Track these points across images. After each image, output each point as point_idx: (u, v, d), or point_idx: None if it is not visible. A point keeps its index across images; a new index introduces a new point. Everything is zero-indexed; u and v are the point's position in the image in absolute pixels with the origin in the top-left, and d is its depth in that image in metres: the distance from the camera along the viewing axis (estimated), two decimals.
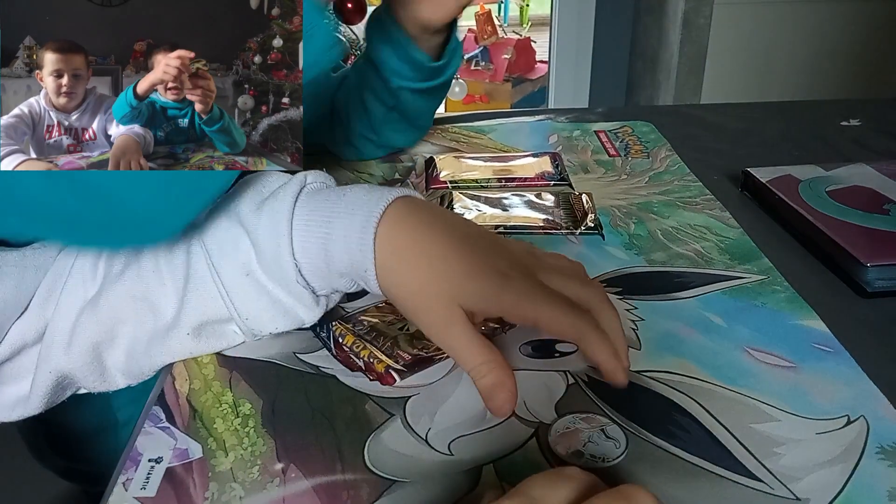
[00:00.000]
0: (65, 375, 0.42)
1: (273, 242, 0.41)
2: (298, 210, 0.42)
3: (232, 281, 0.42)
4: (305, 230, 0.41)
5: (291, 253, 0.41)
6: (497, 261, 0.40)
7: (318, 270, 0.42)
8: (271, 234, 0.41)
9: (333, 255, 0.41)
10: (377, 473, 0.37)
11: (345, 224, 0.41)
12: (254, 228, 0.41)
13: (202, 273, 0.42)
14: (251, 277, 0.42)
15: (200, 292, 0.42)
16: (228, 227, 0.42)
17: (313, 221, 0.41)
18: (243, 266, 0.42)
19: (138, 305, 0.42)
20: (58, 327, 0.42)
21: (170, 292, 0.42)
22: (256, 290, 0.42)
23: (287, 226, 0.41)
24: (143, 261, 0.42)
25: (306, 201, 0.42)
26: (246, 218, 0.42)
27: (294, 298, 0.42)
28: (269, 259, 0.41)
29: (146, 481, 0.37)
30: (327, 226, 0.41)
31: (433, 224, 0.41)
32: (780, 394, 0.41)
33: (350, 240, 0.40)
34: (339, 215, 0.41)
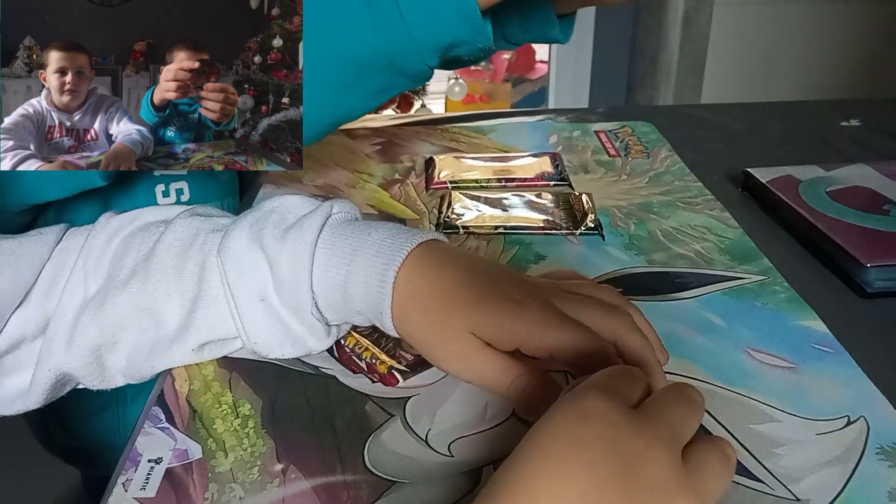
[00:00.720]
0: (64, 374, 0.42)
1: (293, 273, 0.40)
2: (321, 243, 0.41)
3: (246, 304, 0.41)
4: (326, 266, 0.41)
5: (310, 286, 0.41)
6: (512, 290, 0.39)
7: (334, 305, 0.42)
8: (292, 264, 0.40)
9: (352, 294, 0.41)
10: (377, 474, 0.37)
11: (366, 266, 0.40)
12: (275, 255, 0.41)
13: (215, 291, 0.42)
14: (266, 303, 0.41)
15: (211, 310, 0.42)
16: (249, 249, 0.41)
17: (335, 257, 0.41)
18: (259, 291, 0.41)
19: (142, 315, 0.42)
20: (58, 326, 0.42)
21: (175, 305, 0.42)
22: (269, 317, 0.41)
23: (309, 259, 0.41)
24: (151, 270, 0.42)
25: (330, 235, 0.42)
26: (268, 244, 0.41)
27: (306, 328, 0.42)
28: (287, 288, 0.41)
29: (146, 482, 0.37)
30: (349, 265, 0.40)
31: (454, 265, 0.41)
32: (780, 394, 0.41)
33: (370, 283, 0.40)
34: (362, 255, 0.40)
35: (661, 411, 0.29)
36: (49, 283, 0.43)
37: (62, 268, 0.43)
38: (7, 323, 0.41)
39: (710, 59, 1.73)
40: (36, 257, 0.43)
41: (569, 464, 0.26)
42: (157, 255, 0.42)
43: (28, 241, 0.43)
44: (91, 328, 0.41)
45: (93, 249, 0.43)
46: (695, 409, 0.30)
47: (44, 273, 0.43)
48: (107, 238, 0.44)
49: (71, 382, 0.44)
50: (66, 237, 0.45)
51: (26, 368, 0.42)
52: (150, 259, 0.42)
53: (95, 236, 0.44)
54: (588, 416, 0.27)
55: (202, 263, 0.42)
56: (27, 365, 0.42)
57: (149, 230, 0.44)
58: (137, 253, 0.43)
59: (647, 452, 0.26)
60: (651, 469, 0.26)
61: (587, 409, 0.27)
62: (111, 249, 0.43)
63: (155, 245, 0.42)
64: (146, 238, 0.43)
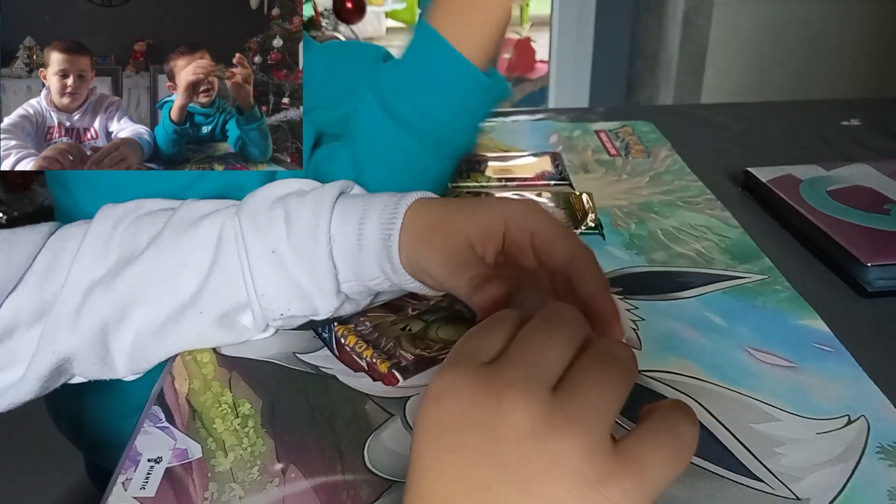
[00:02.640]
0: (66, 357, 0.42)
1: (312, 220, 0.42)
2: (343, 197, 0.44)
3: (257, 256, 0.42)
4: (344, 211, 0.42)
5: (328, 227, 0.42)
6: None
7: (349, 251, 0.42)
8: (312, 213, 0.42)
9: (366, 230, 0.42)
10: (377, 474, 0.37)
11: (380, 205, 0.42)
12: (296, 209, 0.42)
13: (230, 253, 0.42)
14: (277, 255, 0.42)
15: (224, 274, 0.42)
16: (271, 207, 0.43)
17: (354, 204, 0.43)
18: (272, 243, 0.42)
19: (156, 286, 0.42)
20: (64, 306, 0.42)
21: (191, 274, 0.42)
22: (279, 270, 0.42)
23: (329, 206, 0.42)
24: (164, 244, 0.42)
25: (352, 195, 0.44)
26: (290, 202, 0.43)
27: (314, 284, 0.42)
28: (304, 236, 0.42)
29: (146, 481, 0.37)
30: (367, 203, 0.42)
31: (457, 201, 0.43)
32: (780, 394, 0.41)
33: (384, 213, 0.42)
34: (377, 201, 0.43)
35: (524, 351, 0.26)
36: (45, 267, 0.43)
37: (59, 254, 0.44)
38: (1, 307, 0.41)
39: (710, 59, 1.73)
40: (30, 244, 0.43)
41: (435, 455, 0.24)
42: (168, 230, 0.43)
43: (22, 230, 0.44)
44: (100, 304, 0.42)
45: (99, 235, 0.44)
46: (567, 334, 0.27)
47: (39, 258, 0.43)
48: (112, 224, 0.44)
49: (67, 371, 0.44)
50: (62, 229, 0.45)
51: (21, 363, 0.42)
52: (161, 235, 0.43)
53: (100, 223, 0.44)
54: (435, 398, 0.25)
55: (219, 231, 0.43)
56: (21, 359, 0.42)
57: (156, 215, 0.45)
58: (149, 234, 0.44)
59: (500, 404, 0.23)
60: (512, 419, 0.23)
61: (433, 393, 0.25)
62: (118, 234, 0.44)
63: (168, 222, 0.43)
64: (155, 221, 0.44)
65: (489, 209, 0.40)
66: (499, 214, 0.40)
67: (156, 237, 0.43)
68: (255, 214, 0.43)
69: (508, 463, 0.23)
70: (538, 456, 0.23)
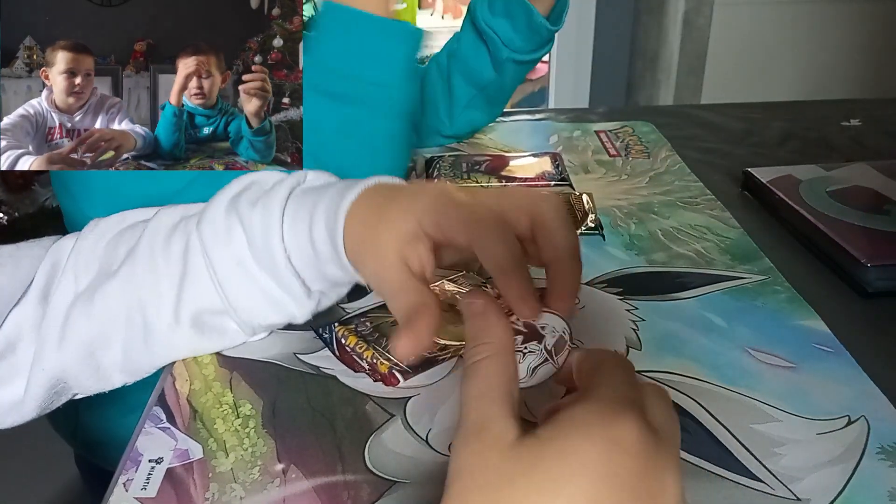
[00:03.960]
0: (58, 377, 0.42)
1: (264, 231, 0.41)
2: (291, 200, 0.42)
3: (224, 270, 0.42)
4: (293, 220, 0.41)
5: (281, 237, 0.41)
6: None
7: (306, 256, 0.42)
8: (263, 224, 0.41)
9: (316, 237, 0.41)
10: (378, 474, 0.37)
11: (325, 208, 0.40)
12: (248, 218, 0.41)
13: (198, 265, 0.42)
14: (242, 267, 0.41)
15: (197, 285, 0.42)
16: (226, 216, 0.42)
17: (302, 210, 0.41)
18: (235, 255, 0.41)
19: (131, 307, 0.42)
20: (50, 325, 0.42)
21: (165, 291, 0.42)
22: (248, 281, 0.42)
23: (278, 216, 0.41)
24: (138, 259, 0.42)
25: (300, 194, 0.42)
26: (243, 210, 0.42)
27: (284, 291, 0.42)
28: (261, 248, 0.41)
29: (147, 482, 0.37)
30: (311, 211, 0.41)
31: (401, 189, 0.40)
32: (780, 394, 0.41)
33: (329, 218, 0.40)
34: (323, 202, 0.41)
35: (668, 427, 0.27)
36: (46, 280, 0.43)
37: (56, 267, 0.44)
38: (5, 321, 0.42)
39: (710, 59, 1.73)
40: (34, 258, 0.43)
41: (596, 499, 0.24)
42: (142, 243, 0.43)
43: (26, 245, 0.44)
44: (81, 323, 0.42)
45: (82, 250, 0.44)
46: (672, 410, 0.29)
47: (40, 271, 0.43)
48: (95, 239, 0.44)
49: (67, 390, 0.44)
50: (58, 242, 0.45)
51: (21, 376, 0.42)
52: (136, 249, 0.42)
53: (84, 238, 0.44)
54: (624, 450, 0.25)
55: (185, 243, 0.42)
56: (22, 372, 0.42)
57: (136, 228, 0.44)
58: (126, 247, 0.43)
59: (666, 481, 0.25)
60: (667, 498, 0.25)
61: (622, 442, 0.25)
62: (100, 248, 0.44)
63: (141, 236, 0.43)
64: (134, 234, 0.44)
65: (404, 214, 0.38)
66: (413, 222, 0.37)
67: (131, 252, 0.43)
68: (214, 222, 0.42)
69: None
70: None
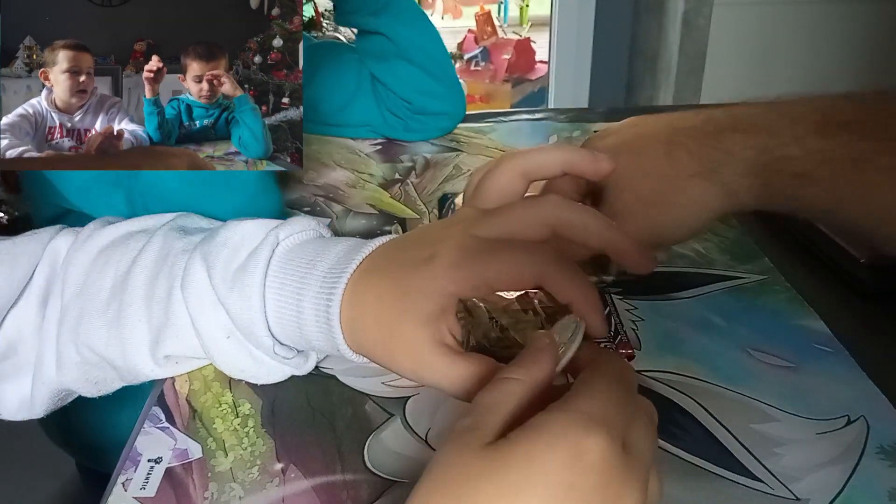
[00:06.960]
0: (59, 389, 0.42)
1: (248, 319, 0.39)
2: (270, 282, 0.39)
3: (213, 341, 0.40)
4: (278, 308, 0.39)
5: (267, 329, 0.39)
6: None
7: (297, 343, 0.40)
8: (244, 309, 0.39)
9: (308, 334, 0.38)
10: (377, 474, 0.37)
11: (314, 303, 0.38)
12: (227, 301, 0.39)
13: (182, 321, 0.40)
14: (233, 340, 0.40)
15: (180, 338, 0.40)
16: (206, 292, 0.40)
17: (284, 297, 0.39)
18: (224, 329, 0.40)
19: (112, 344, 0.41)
20: (46, 344, 0.41)
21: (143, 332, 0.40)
22: (240, 351, 0.40)
23: (260, 303, 0.39)
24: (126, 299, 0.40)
25: (279, 271, 0.39)
26: (220, 291, 0.39)
27: (279, 361, 0.41)
28: (247, 332, 0.39)
29: (146, 481, 0.37)
30: (298, 304, 0.38)
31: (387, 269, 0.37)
32: (780, 394, 0.41)
33: (320, 321, 0.38)
34: (308, 295, 0.38)
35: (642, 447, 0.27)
36: (45, 283, 0.43)
37: (54, 269, 0.43)
38: (4, 321, 0.41)
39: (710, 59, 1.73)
40: (32, 255, 0.43)
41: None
42: (131, 279, 0.41)
43: (23, 240, 0.43)
44: (70, 351, 0.41)
45: (75, 262, 0.42)
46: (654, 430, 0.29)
47: (39, 273, 0.43)
48: (88, 251, 0.43)
49: (72, 394, 0.44)
50: (59, 236, 0.44)
51: (26, 374, 0.42)
52: (126, 283, 0.41)
53: (77, 248, 0.43)
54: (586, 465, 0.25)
55: (168, 290, 0.40)
56: (26, 370, 0.42)
57: (128, 245, 0.42)
58: (115, 272, 0.42)
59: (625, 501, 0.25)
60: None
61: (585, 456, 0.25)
62: (90, 262, 0.42)
63: (130, 267, 0.41)
64: (125, 254, 0.42)
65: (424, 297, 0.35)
66: (436, 298, 0.34)
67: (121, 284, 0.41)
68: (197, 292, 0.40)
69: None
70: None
